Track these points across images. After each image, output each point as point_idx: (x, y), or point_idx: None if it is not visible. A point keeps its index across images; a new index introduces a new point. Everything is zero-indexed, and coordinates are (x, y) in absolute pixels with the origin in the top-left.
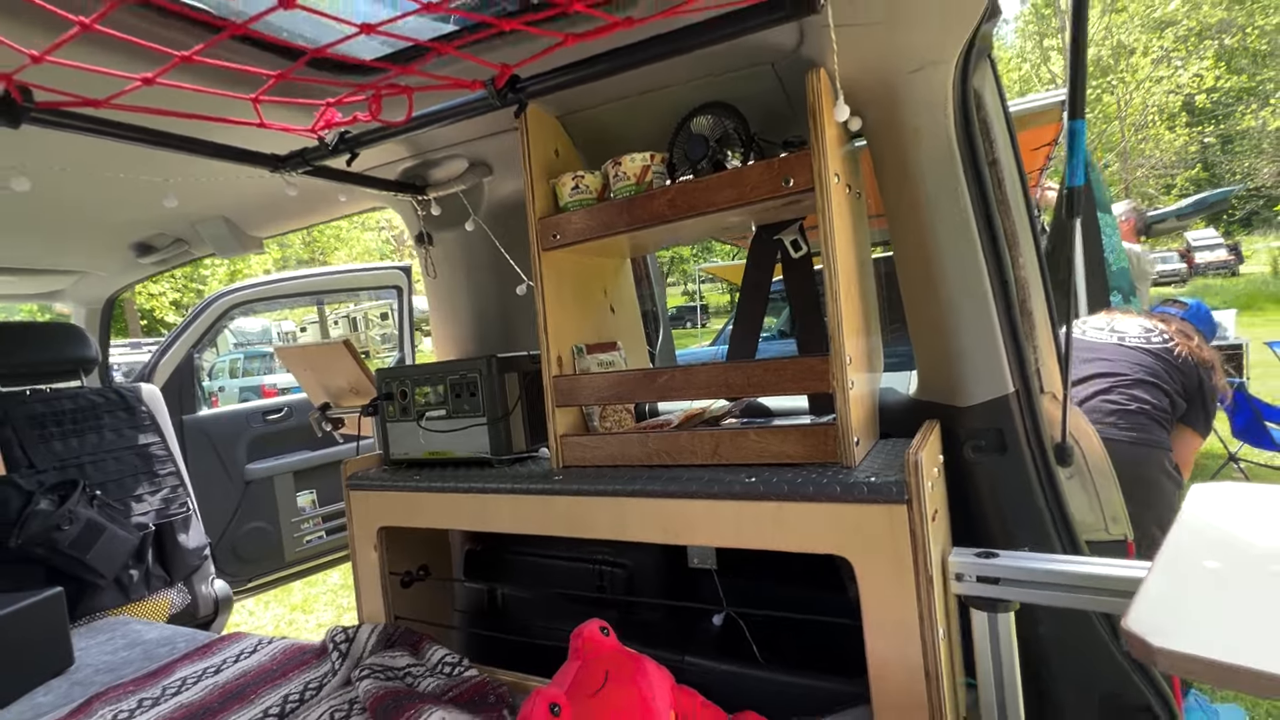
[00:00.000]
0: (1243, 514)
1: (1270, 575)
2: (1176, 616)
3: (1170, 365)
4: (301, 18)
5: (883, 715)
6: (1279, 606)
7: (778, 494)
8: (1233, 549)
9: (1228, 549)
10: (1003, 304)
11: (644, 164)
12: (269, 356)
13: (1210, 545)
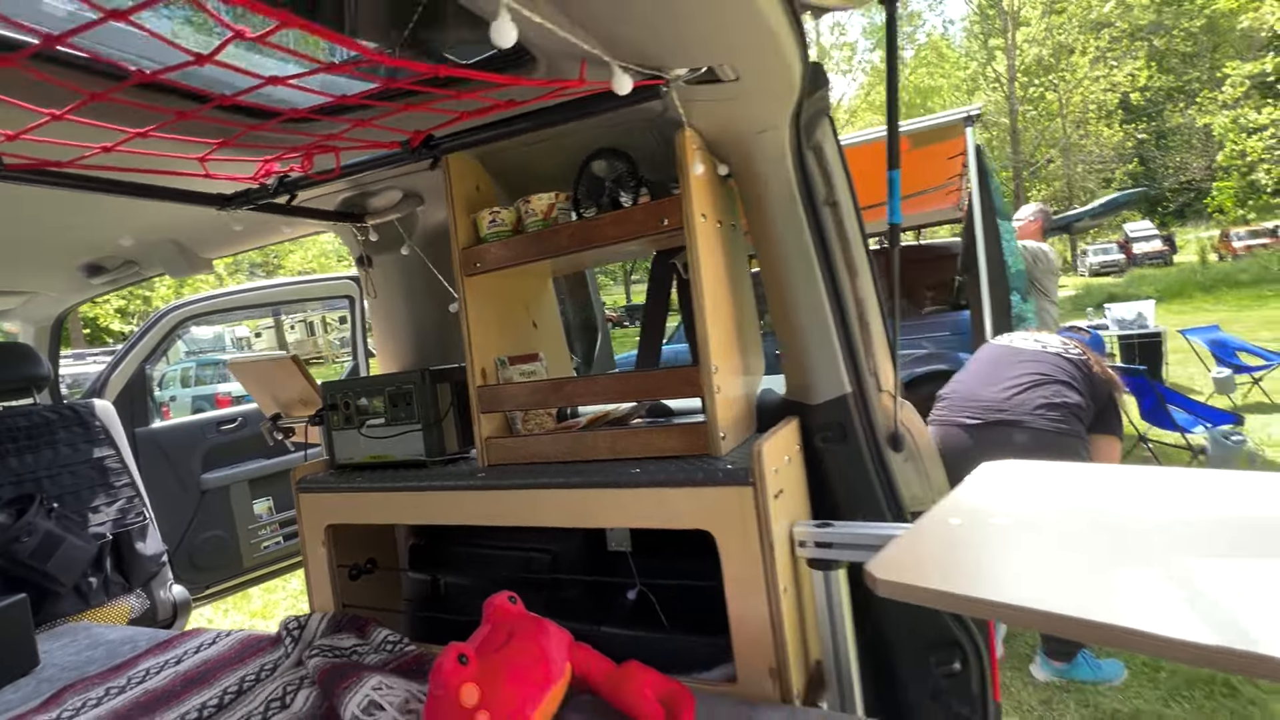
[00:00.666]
0: (1002, 484)
1: (992, 526)
2: (910, 557)
3: (1084, 374)
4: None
5: (741, 659)
6: (986, 548)
7: (658, 482)
8: (974, 509)
9: (971, 509)
10: (839, 320)
11: (550, 202)
12: (223, 364)
13: (959, 507)
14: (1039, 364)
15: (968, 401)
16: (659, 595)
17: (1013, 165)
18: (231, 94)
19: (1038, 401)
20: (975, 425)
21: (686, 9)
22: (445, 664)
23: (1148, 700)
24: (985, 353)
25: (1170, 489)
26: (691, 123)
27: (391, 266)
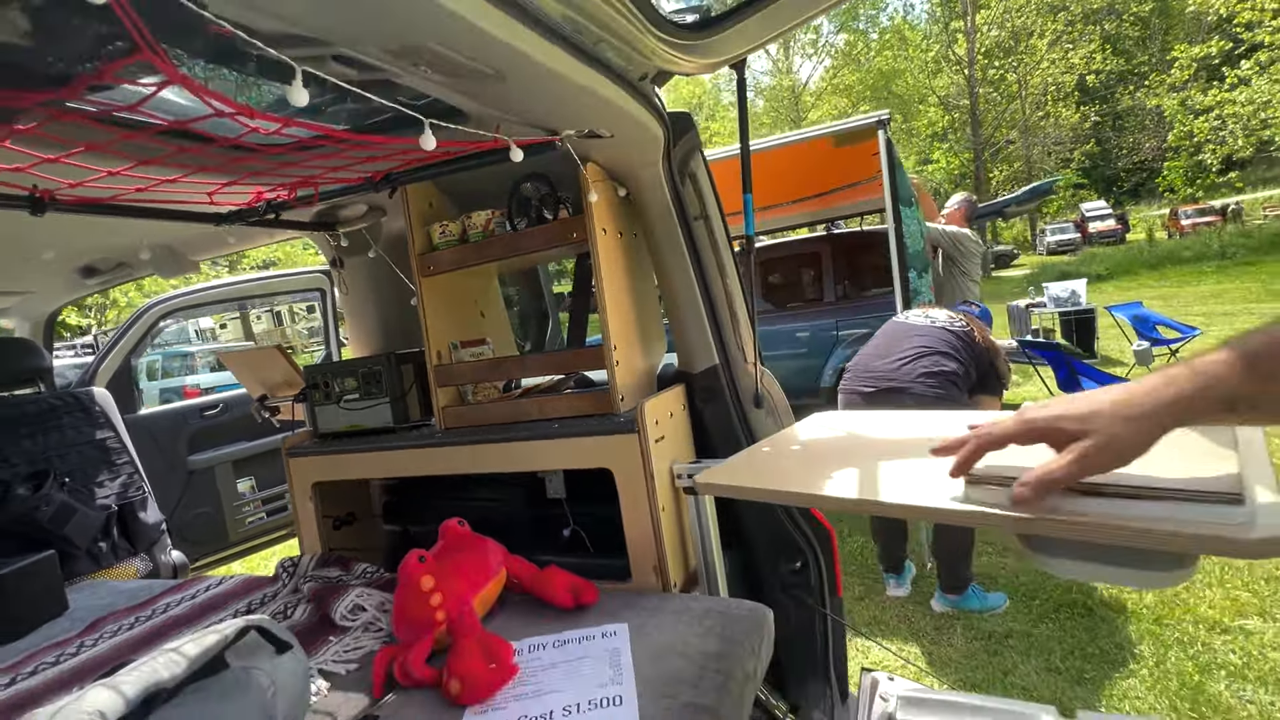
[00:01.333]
0: (817, 426)
1: (788, 451)
2: (727, 471)
3: (967, 344)
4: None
5: (634, 562)
6: (777, 462)
7: (572, 433)
8: (783, 440)
9: (782, 440)
10: (709, 308)
11: (488, 217)
12: (190, 357)
13: (773, 441)
14: (925, 337)
15: (865, 373)
16: (590, 529)
17: (974, 147)
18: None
19: (920, 370)
20: (870, 393)
21: (562, 104)
22: (409, 561)
23: (1020, 623)
24: (884, 328)
25: (921, 424)
26: (591, 159)
27: (360, 267)
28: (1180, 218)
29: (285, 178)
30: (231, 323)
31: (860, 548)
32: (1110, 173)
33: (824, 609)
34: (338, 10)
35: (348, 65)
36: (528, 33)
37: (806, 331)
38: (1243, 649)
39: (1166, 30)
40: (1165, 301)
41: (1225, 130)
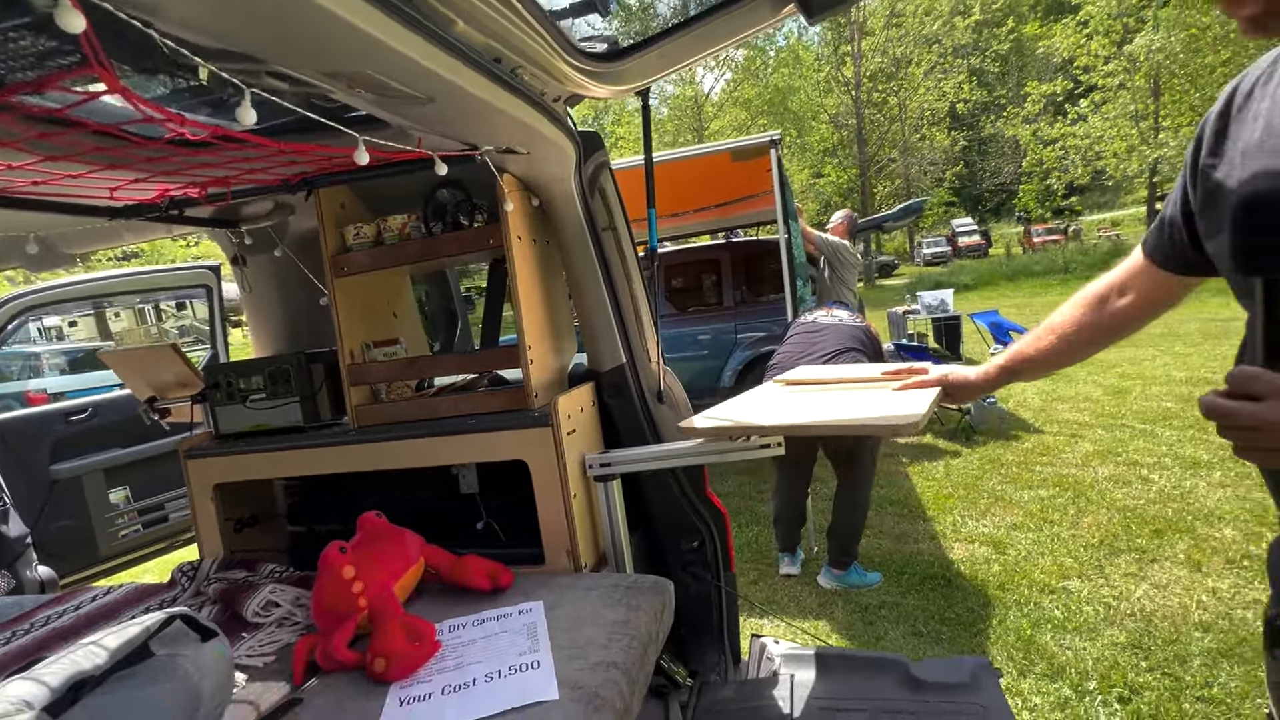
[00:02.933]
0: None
1: (751, 406)
2: (700, 420)
3: (867, 336)
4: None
5: (547, 546)
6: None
7: (488, 428)
8: (738, 405)
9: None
10: (616, 312)
11: (404, 221)
12: (34, 358)
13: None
14: (839, 335)
15: (786, 370)
16: (502, 520)
17: (860, 163)
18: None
19: (843, 363)
20: None
21: (483, 124)
22: (330, 551)
23: (892, 595)
24: (798, 328)
25: (812, 401)
26: (508, 171)
27: (267, 265)
28: (1032, 236)
29: (197, 177)
30: (84, 320)
31: (755, 536)
32: (976, 192)
33: (719, 583)
34: (279, 37)
35: (281, 80)
36: (455, 63)
37: (708, 334)
38: (1065, 606)
39: (1022, 68)
40: (1019, 310)
41: (1067, 160)
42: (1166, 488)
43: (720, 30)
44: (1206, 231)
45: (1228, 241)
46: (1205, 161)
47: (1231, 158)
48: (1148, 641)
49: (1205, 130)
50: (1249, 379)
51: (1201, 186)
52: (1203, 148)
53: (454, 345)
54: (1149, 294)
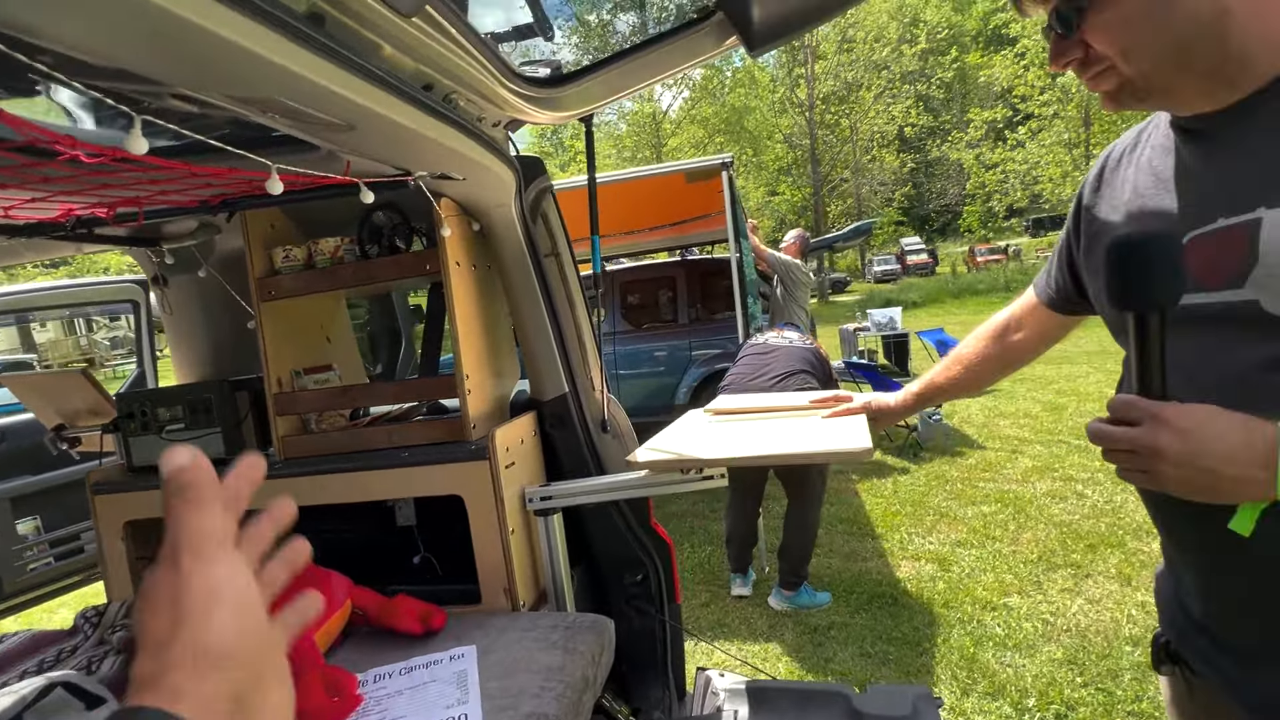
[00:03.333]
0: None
1: (692, 437)
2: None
3: (816, 358)
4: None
5: (484, 585)
6: (684, 442)
7: (423, 461)
8: (678, 435)
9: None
10: (559, 340)
11: (336, 244)
12: None
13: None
14: (790, 357)
15: (740, 391)
16: (441, 554)
17: (813, 182)
18: None
19: (793, 386)
20: None
21: (413, 150)
22: None
23: (841, 615)
24: (750, 350)
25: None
26: (445, 195)
27: (188, 286)
28: (976, 255)
29: (102, 197)
30: (4, 331)
31: (708, 556)
32: (924, 213)
33: (663, 616)
34: (177, 62)
35: (187, 101)
36: (375, 90)
37: (663, 351)
38: (1005, 623)
39: (965, 95)
40: (965, 327)
41: (1008, 183)
42: (1099, 503)
43: (664, 59)
44: (1089, 275)
45: (1104, 283)
46: (1086, 217)
47: (1107, 213)
48: (1082, 657)
49: (1084, 191)
50: (1126, 405)
51: (1085, 234)
52: (1083, 206)
53: (397, 367)
54: (1040, 331)
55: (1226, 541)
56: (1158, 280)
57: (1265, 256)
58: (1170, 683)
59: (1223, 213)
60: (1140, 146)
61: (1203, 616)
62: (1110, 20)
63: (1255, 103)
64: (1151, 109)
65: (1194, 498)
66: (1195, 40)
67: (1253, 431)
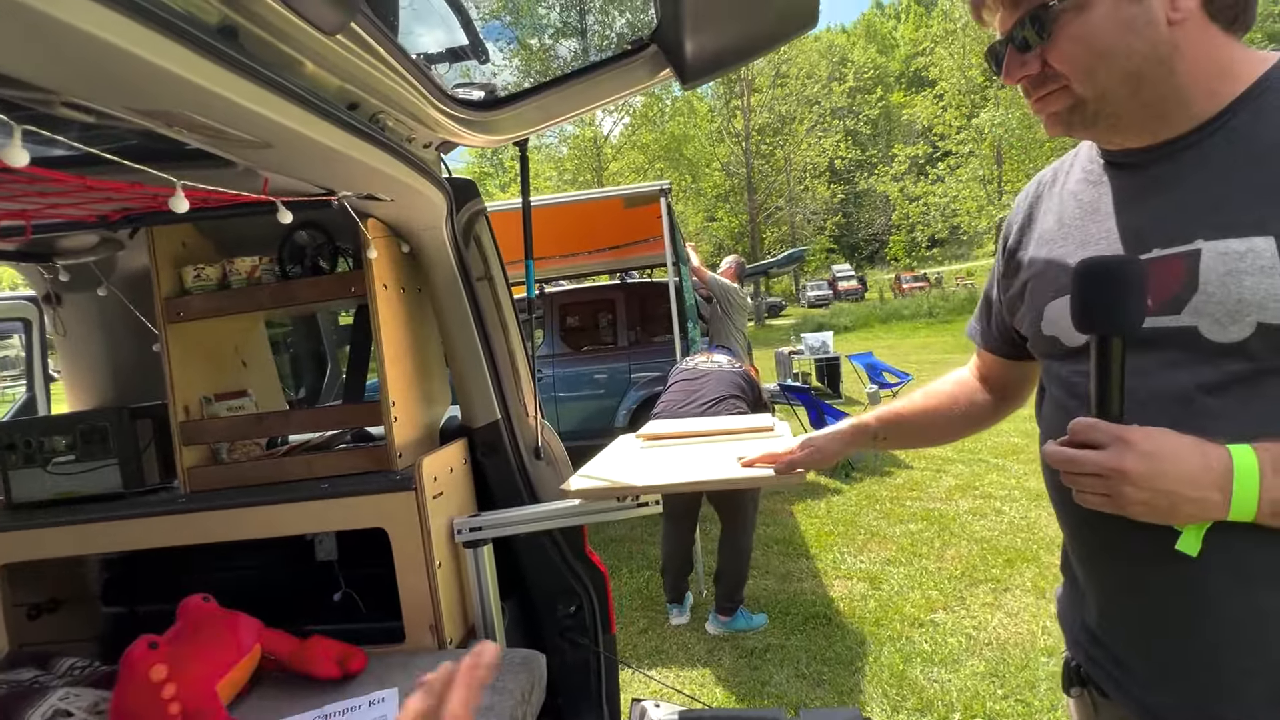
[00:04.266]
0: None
1: (625, 463)
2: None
3: (745, 382)
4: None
5: (408, 622)
6: (617, 469)
7: (345, 493)
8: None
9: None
10: (491, 365)
11: (254, 264)
12: None
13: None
14: (719, 382)
15: (674, 418)
16: (365, 589)
17: (749, 209)
18: None
19: (725, 413)
20: None
21: (336, 170)
22: (135, 650)
23: (776, 637)
24: (680, 375)
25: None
26: (372, 216)
27: (85, 305)
28: (902, 282)
29: None
30: None
31: (646, 581)
32: (853, 241)
33: (597, 648)
34: (66, 71)
35: (81, 111)
36: (291, 107)
37: (603, 374)
38: (932, 639)
39: (890, 131)
40: (891, 350)
41: (929, 215)
42: (1016, 519)
43: (599, 88)
44: (1012, 310)
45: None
46: (1009, 256)
47: (1034, 247)
48: (1003, 669)
49: (1011, 229)
50: (1087, 428)
51: (1008, 273)
52: (1008, 247)
53: (322, 391)
54: (1000, 382)
55: (1156, 561)
56: (1124, 303)
57: (1205, 286)
58: (1078, 705)
59: (1158, 243)
60: (1058, 181)
61: (1108, 638)
62: (1078, 36)
63: (1188, 141)
64: (1094, 136)
65: (1151, 519)
66: (1149, 69)
67: (1208, 454)
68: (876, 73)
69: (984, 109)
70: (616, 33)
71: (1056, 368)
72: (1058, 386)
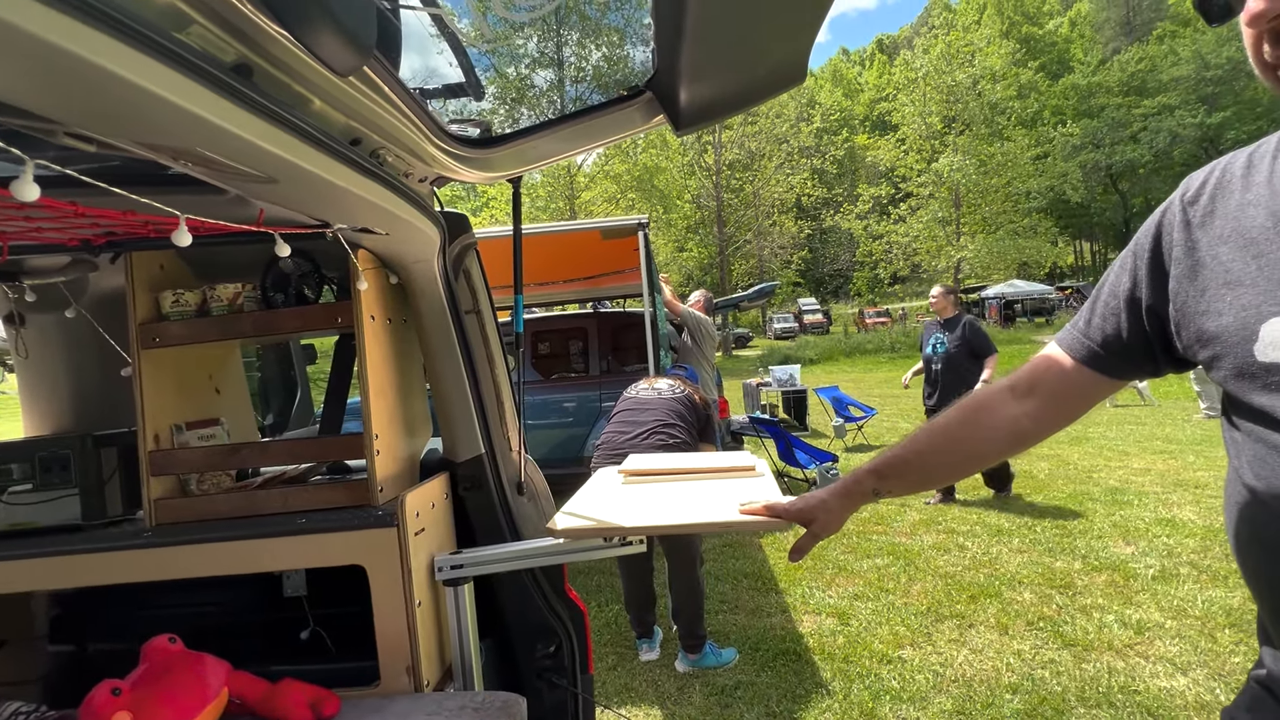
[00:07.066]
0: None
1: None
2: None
3: (688, 407)
4: None
5: (384, 664)
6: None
7: (322, 528)
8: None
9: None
10: (477, 399)
11: (236, 291)
12: None
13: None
14: (655, 410)
15: (612, 449)
16: (334, 627)
17: (719, 241)
18: None
19: (656, 443)
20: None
21: (334, 204)
22: (97, 697)
23: (747, 674)
24: (624, 404)
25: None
26: (363, 247)
27: (54, 326)
28: (865, 317)
29: None
30: None
31: (616, 615)
32: (819, 275)
33: (575, 689)
34: (80, 107)
35: (86, 141)
36: (302, 146)
37: (573, 402)
38: (900, 675)
39: (854, 171)
40: (856, 384)
41: (891, 253)
42: (978, 554)
43: (594, 130)
44: (1182, 315)
45: None
46: (1184, 250)
47: (1225, 244)
48: (969, 706)
49: (1173, 220)
50: None
51: (1184, 270)
52: (1174, 241)
53: (291, 418)
54: (1063, 396)
55: None
56: None
57: None
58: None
59: None
60: (1258, 169)
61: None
62: None
63: None
64: None
65: None
66: None
67: None
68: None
69: (943, 154)
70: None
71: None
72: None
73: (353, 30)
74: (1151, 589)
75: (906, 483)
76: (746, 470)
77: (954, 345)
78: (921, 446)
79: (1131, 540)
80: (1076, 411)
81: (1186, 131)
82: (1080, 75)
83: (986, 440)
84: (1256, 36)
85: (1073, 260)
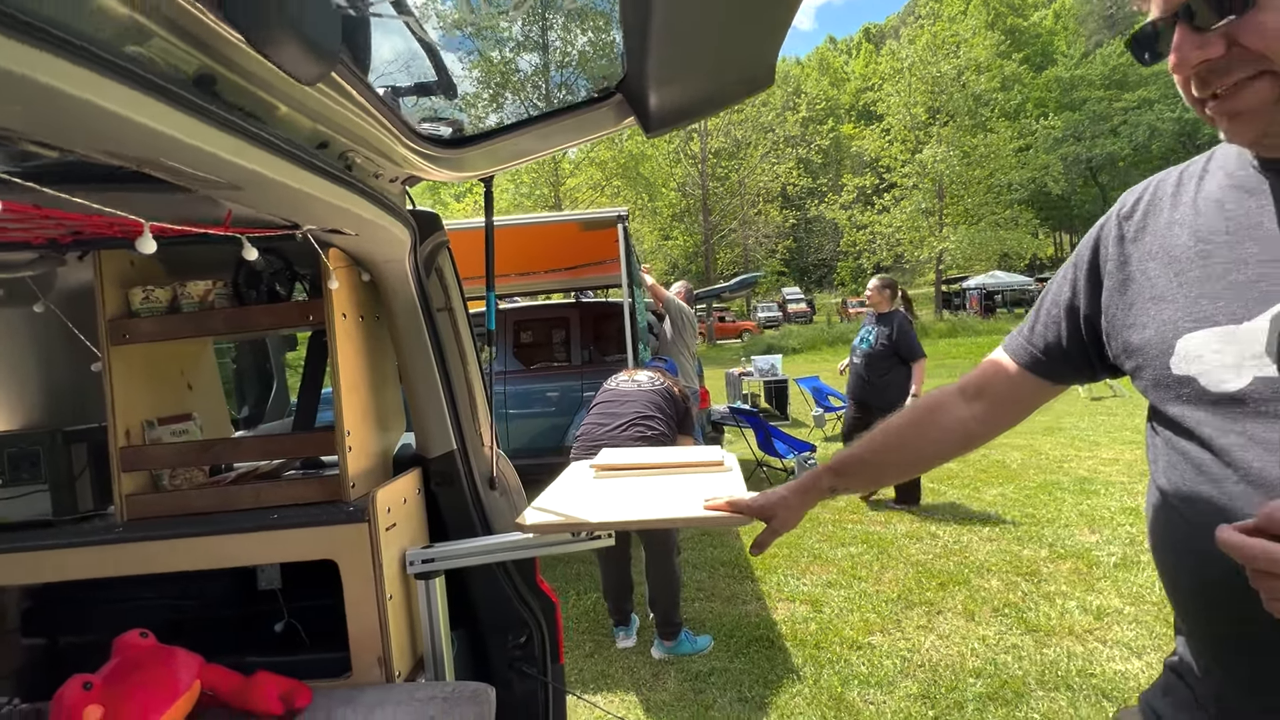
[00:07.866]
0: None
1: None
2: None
3: (669, 399)
4: None
5: (355, 655)
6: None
7: (294, 524)
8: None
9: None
10: (449, 395)
11: (206, 288)
12: None
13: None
14: (633, 402)
15: (590, 442)
16: (308, 619)
17: (704, 230)
18: None
19: (634, 435)
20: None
21: (302, 207)
22: (69, 691)
23: (721, 660)
24: (603, 396)
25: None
26: (334, 246)
27: (18, 322)
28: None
29: None
30: None
31: (594, 604)
32: (803, 265)
33: (546, 678)
34: (39, 121)
35: (45, 147)
36: (262, 154)
37: (555, 391)
38: (869, 660)
39: (840, 161)
40: (837, 374)
41: (875, 244)
42: (949, 543)
43: (564, 131)
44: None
45: (1213, 343)
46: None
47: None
48: (934, 690)
49: (1108, 236)
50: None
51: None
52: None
53: (265, 413)
54: (1008, 400)
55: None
56: None
57: None
58: None
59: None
60: (1186, 187)
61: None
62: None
63: None
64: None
65: None
66: None
67: None
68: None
69: (927, 145)
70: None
71: (1192, 417)
72: (1194, 443)
73: (315, 40)
74: (1113, 576)
75: (863, 480)
76: (715, 465)
77: (880, 343)
78: (877, 446)
79: (1096, 529)
80: (1022, 414)
81: (1165, 126)
82: (1063, 68)
83: (938, 441)
84: (1184, 80)
85: (1053, 252)
